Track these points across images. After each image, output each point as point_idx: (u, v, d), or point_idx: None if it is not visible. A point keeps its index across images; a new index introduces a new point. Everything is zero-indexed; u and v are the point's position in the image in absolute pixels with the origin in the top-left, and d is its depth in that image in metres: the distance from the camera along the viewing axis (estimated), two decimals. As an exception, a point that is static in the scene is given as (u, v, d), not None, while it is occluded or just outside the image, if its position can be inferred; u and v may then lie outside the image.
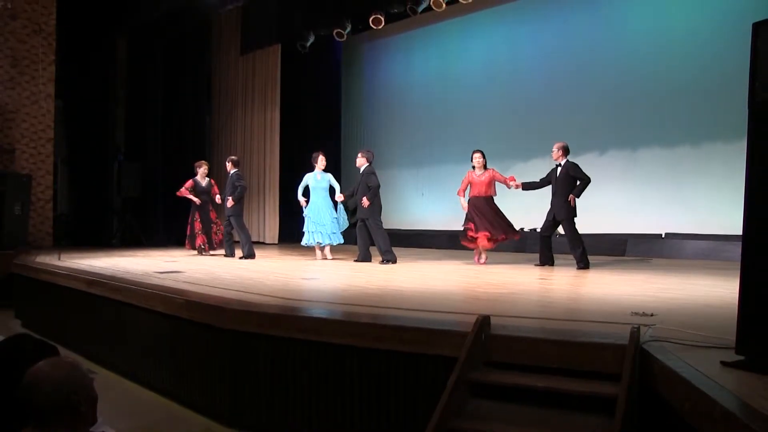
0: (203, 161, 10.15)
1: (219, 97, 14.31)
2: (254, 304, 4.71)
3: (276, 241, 13.15)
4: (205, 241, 9.64)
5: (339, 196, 8.86)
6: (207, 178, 9.87)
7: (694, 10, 9.71)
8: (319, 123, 14.10)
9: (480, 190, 8.27)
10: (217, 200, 9.65)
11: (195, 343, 4.99)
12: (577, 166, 7.39)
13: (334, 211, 8.90)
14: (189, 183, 9.72)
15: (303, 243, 9.04)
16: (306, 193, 9.08)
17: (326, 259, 8.93)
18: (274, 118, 13.11)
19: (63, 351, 6.29)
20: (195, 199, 9.63)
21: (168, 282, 6.01)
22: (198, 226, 9.63)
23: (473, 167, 8.37)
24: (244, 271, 7.30)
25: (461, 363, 3.20)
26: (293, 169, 13.57)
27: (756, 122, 2.59)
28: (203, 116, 14.08)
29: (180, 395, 5.13)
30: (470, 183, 8.34)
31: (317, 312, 4.31)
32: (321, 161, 9.10)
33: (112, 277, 6.49)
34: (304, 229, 8.98)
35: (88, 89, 13.03)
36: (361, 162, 8.52)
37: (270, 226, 13.26)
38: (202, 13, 12.90)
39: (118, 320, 6.07)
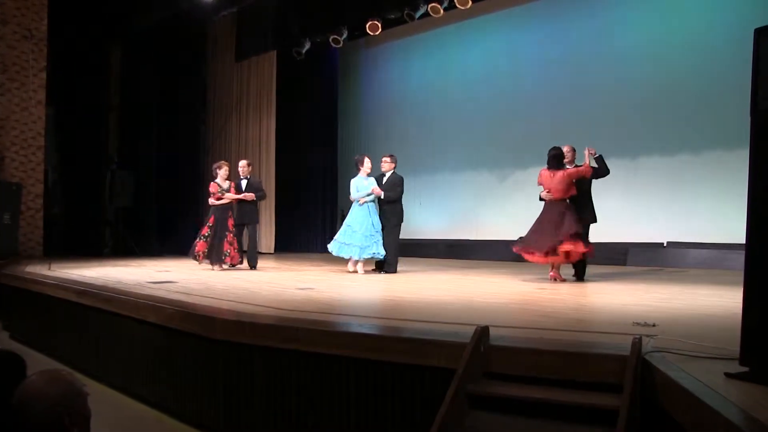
0: (224, 162, 9.38)
1: (214, 105, 14.33)
2: (248, 314, 4.69)
3: (272, 251, 13.14)
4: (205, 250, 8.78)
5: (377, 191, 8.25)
6: (228, 181, 9.02)
7: (694, 17, 9.77)
8: (316, 130, 14.12)
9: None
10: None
11: (188, 354, 4.97)
12: None
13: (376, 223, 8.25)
14: (213, 187, 8.90)
15: (336, 252, 8.34)
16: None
17: (357, 272, 8.28)
18: (270, 125, 13.14)
19: (52, 363, 6.25)
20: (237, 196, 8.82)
21: (160, 292, 5.99)
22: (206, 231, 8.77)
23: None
24: (237, 281, 7.28)
25: (460, 374, 3.19)
26: (289, 178, 13.61)
27: (758, 130, 2.59)
28: (198, 124, 14.11)
29: (173, 408, 5.10)
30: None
31: (312, 323, 4.29)
32: (367, 163, 8.41)
33: (103, 288, 6.46)
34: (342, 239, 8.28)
35: (81, 96, 13.02)
36: (390, 167, 8.42)
37: (266, 236, 13.25)
38: (197, 20, 12.94)
39: (109, 331, 6.04)
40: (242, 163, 9.34)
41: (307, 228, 14.14)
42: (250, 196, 8.94)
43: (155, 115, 13.60)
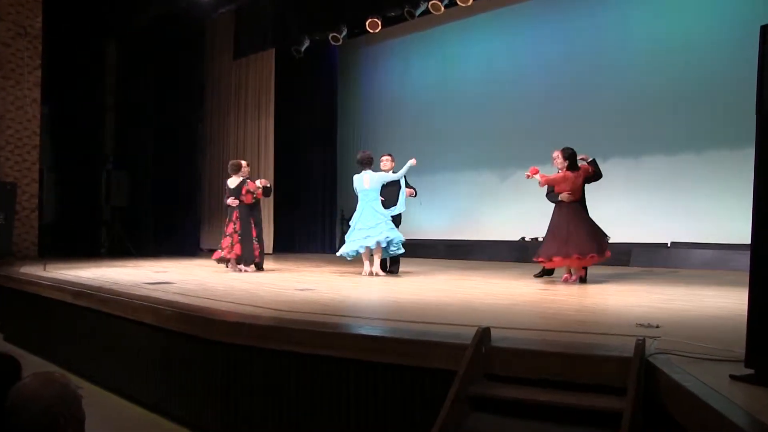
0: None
1: (211, 103, 14.32)
2: (247, 315, 4.69)
3: (270, 251, 13.12)
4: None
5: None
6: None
7: (697, 14, 9.77)
8: (315, 129, 14.12)
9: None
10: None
11: (185, 356, 4.97)
12: None
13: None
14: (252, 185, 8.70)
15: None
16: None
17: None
18: (268, 124, 13.13)
19: (48, 365, 6.25)
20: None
21: (158, 293, 5.98)
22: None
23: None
24: (236, 282, 7.28)
25: (461, 376, 3.19)
26: (288, 177, 13.60)
27: (764, 129, 2.59)
28: (195, 123, 14.10)
29: (170, 411, 5.10)
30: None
31: (311, 324, 4.29)
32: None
33: (100, 289, 6.46)
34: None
35: (76, 95, 13.02)
36: (392, 165, 8.40)
37: (264, 236, 13.22)
38: (195, 17, 12.94)
39: (106, 333, 6.04)
40: (243, 163, 9.38)
41: (307, 228, 14.13)
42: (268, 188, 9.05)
43: (152, 114, 13.60)
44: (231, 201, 8.60)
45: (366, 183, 8.09)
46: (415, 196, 8.38)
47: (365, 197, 8.07)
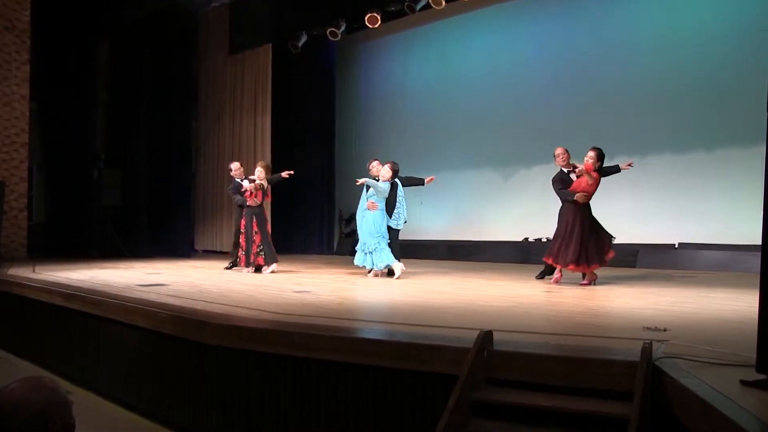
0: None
1: (206, 100, 14.31)
2: (242, 318, 4.69)
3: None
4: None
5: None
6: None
7: (707, 11, 9.74)
8: (313, 127, 14.10)
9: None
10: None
11: (180, 360, 4.96)
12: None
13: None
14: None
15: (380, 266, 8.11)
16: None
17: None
18: (265, 122, 13.11)
19: (37, 370, 6.23)
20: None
21: (151, 296, 5.98)
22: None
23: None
24: (231, 284, 7.28)
25: (462, 381, 3.18)
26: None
27: (775, 126, 2.59)
28: (189, 120, 14.07)
29: (164, 416, 5.10)
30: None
31: (309, 327, 4.29)
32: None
33: (91, 291, 6.45)
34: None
35: (66, 91, 12.97)
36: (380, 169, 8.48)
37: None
38: (189, 11, 12.93)
39: (97, 337, 6.04)
40: (237, 164, 9.49)
41: (304, 229, 14.11)
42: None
43: (144, 111, 13.55)
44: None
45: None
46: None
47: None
